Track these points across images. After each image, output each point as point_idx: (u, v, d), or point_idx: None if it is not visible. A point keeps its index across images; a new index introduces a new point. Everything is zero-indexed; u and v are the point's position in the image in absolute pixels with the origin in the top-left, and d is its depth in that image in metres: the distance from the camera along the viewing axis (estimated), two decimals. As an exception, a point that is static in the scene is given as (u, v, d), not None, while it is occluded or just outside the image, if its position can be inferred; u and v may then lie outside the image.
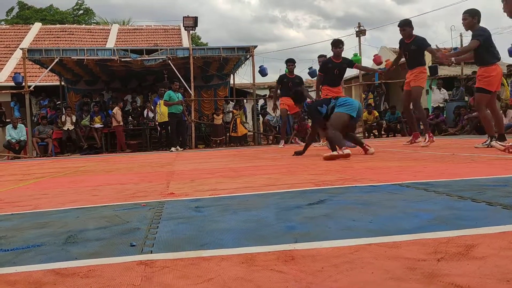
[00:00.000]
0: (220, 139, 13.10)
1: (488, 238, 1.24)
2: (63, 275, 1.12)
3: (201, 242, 1.37)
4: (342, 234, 1.38)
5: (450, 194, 2.00)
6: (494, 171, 2.87)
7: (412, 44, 6.27)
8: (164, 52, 11.97)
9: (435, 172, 3.02)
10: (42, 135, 12.03)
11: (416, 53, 6.31)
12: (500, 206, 1.67)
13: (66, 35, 21.63)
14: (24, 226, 1.80)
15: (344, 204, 1.90)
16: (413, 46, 6.27)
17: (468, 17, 5.32)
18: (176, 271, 1.11)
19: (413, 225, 1.45)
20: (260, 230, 1.49)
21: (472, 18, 5.31)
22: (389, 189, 2.27)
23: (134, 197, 2.52)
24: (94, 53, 11.81)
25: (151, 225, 1.66)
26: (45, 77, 14.15)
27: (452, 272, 0.98)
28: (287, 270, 1.06)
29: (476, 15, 5.32)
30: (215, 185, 2.87)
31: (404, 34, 6.32)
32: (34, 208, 2.30)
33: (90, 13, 34.78)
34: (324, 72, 7.01)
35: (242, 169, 4.09)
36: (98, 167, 5.71)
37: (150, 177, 3.75)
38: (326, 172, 3.34)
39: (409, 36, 6.31)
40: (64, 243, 1.46)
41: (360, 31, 13.52)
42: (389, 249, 1.18)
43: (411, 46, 6.28)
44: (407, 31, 6.29)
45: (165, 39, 21.48)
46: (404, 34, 6.32)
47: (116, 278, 1.08)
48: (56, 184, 3.64)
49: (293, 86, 8.10)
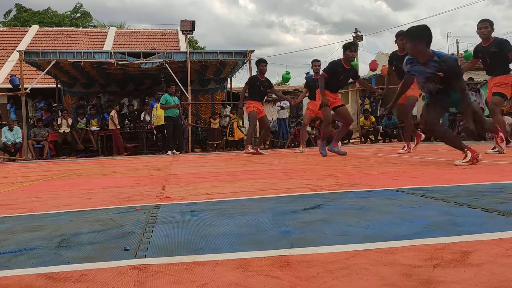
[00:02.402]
0: (217, 143, 13.09)
1: (484, 245, 1.23)
2: (55, 280, 1.11)
3: (196, 247, 1.36)
4: (338, 239, 1.37)
5: (446, 200, 1.99)
6: (491, 177, 2.88)
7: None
8: (162, 55, 11.97)
9: (431, 177, 3.02)
10: (38, 137, 11.99)
11: None
12: (496, 212, 1.66)
13: (63, 37, 21.62)
14: (17, 229, 1.78)
15: (340, 209, 1.90)
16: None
17: (490, 26, 5.57)
18: (170, 276, 1.09)
19: (409, 231, 1.44)
20: (256, 235, 1.48)
21: (491, 29, 5.58)
22: (385, 194, 2.27)
23: (129, 200, 2.50)
24: (91, 56, 11.81)
25: (145, 229, 1.65)
26: (42, 79, 14.13)
27: (448, 279, 0.97)
28: (282, 276, 1.05)
29: (493, 26, 5.60)
30: (211, 189, 2.86)
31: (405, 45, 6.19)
32: (27, 211, 2.28)
33: (88, 16, 34.79)
34: (331, 75, 6.20)
35: (238, 173, 4.08)
36: (93, 170, 5.68)
37: (145, 181, 3.73)
38: (322, 177, 3.34)
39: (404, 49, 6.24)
40: (57, 247, 1.44)
41: (357, 36, 13.60)
42: (385, 255, 1.18)
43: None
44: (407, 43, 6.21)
45: (163, 42, 21.52)
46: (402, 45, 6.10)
47: (109, 283, 1.06)
48: (50, 187, 3.62)
49: (264, 90, 7.73)
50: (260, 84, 7.64)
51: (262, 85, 7.66)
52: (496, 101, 5.55)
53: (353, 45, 6.42)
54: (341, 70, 6.18)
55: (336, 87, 6.44)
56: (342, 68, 6.18)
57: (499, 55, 5.48)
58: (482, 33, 5.57)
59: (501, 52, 5.46)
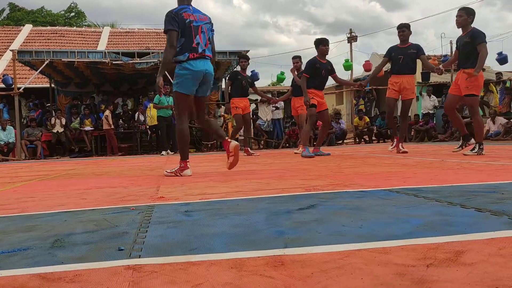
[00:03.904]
0: (211, 143, 13.08)
1: (477, 244, 1.24)
2: (48, 280, 1.10)
3: (190, 247, 1.35)
4: (332, 239, 1.38)
5: (440, 200, 2.01)
6: (483, 178, 2.90)
7: (410, 49, 6.22)
8: (156, 55, 11.94)
9: (424, 178, 3.03)
10: (31, 137, 11.91)
11: (413, 58, 6.25)
12: (489, 212, 1.67)
13: (57, 37, 21.50)
14: (10, 230, 1.77)
15: (334, 209, 1.90)
16: (411, 50, 6.21)
17: (464, 14, 5.22)
18: (165, 276, 1.09)
19: (403, 230, 1.45)
20: (250, 235, 1.49)
21: (467, 17, 5.22)
22: (379, 194, 2.28)
23: (123, 200, 2.49)
24: (85, 56, 11.75)
25: (140, 229, 1.65)
26: (35, 79, 14.05)
27: (441, 278, 0.98)
28: (277, 276, 1.05)
29: (472, 15, 5.23)
30: (205, 189, 2.85)
31: (403, 36, 6.24)
32: (21, 211, 2.26)
33: (82, 15, 34.64)
34: (311, 74, 6.40)
35: (232, 173, 4.08)
36: (87, 170, 5.66)
37: (139, 181, 3.72)
38: (316, 177, 3.35)
39: (407, 40, 6.27)
40: (51, 247, 1.44)
41: (352, 37, 13.63)
42: (379, 255, 1.18)
43: (408, 50, 6.21)
44: (406, 33, 6.25)
45: (157, 42, 21.44)
46: (403, 35, 6.24)
47: (103, 283, 1.06)
48: (44, 187, 3.60)
49: (247, 85, 7.74)
50: (241, 79, 7.65)
51: (243, 80, 7.66)
52: (472, 103, 5.33)
53: (325, 40, 6.60)
54: (319, 66, 6.40)
55: (322, 83, 6.58)
56: (319, 64, 6.41)
57: (470, 47, 5.14)
58: (457, 21, 5.29)
59: (473, 43, 5.11)
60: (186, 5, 4.05)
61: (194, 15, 4.02)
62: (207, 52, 4.07)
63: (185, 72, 3.98)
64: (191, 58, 3.95)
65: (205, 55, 4.04)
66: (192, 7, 4.08)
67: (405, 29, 6.26)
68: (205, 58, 4.04)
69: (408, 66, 6.24)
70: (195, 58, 3.96)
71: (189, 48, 3.95)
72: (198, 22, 4.03)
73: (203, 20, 4.07)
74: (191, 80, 4.00)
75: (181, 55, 3.95)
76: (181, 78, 4.01)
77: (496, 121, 11.35)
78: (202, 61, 4.00)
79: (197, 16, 4.04)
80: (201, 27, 4.02)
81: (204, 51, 4.02)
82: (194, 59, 3.96)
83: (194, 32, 3.97)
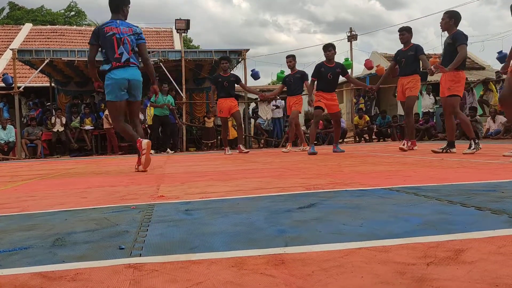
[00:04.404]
0: (212, 142, 13.08)
1: (477, 243, 1.24)
2: (50, 279, 1.10)
3: (190, 246, 1.36)
4: (333, 238, 1.38)
5: (440, 198, 2.01)
6: (483, 176, 2.90)
7: (409, 51, 6.34)
8: (156, 54, 11.94)
9: (424, 176, 3.03)
10: (31, 136, 11.91)
11: (412, 60, 6.36)
12: (489, 211, 1.68)
13: (57, 36, 21.49)
14: (11, 228, 1.77)
15: (334, 208, 1.90)
16: (410, 52, 6.33)
17: (447, 18, 5.40)
18: (165, 274, 1.10)
19: (403, 229, 1.45)
20: (251, 233, 1.49)
21: (449, 20, 5.38)
22: (379, 193, 2.28)
23: (123, 199, 2.50)
24: (85, 55, 11.74)
25: (140, 228, 1.65)
26: (35, 78, 14.04)
27: (441, 277, 0.98)
28: (277, 274, 1.06)
29: (453, 17, 5.39)
30: (205, 188, 2.85)
31: (403, 39, 6.40)
32: (21, 210, 2.26)
33: (82, 14, 34.62)
34: (317, 77, 6.89)
35: (233, 172, 4.08)
36: (87, 169, 5.66)
37: (140, 180, 3.72)
38: (316, 176, 3.35)
39: (408, 43, 6.40)
40: (52, 245, 1.44)
41: (352, 36, 13.62)
42: (379, 253, 1.18)
43: (408, 52, 6.34)
44: (405, 36, 6.37)
45: (157, 41, 21.43)
46: (402, 38, 6.40)
47: (104, 282, 1.06)
48: (44, 186, 3.60)
49: (229, 85, 7.96)
50: (222, 80, 8.01)
51: (225, 81, 8.00)
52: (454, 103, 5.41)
53: (329, 46, 6.93)
54: (324, 70, 6.78)
55: (328, 86, 6.87)
56: (325, 68, 6.80)
57: (452, 48, 5.31)
58: (440, 25, 5.47)
59: (454, 45, 5.29)
60: (114, 20, 4.58)
61: (118, 28, 4.51)
62: (132, 60, 4.56)
63: (109, 82, 4.52)
64: (114, 67, 4.48)
65: (129, 63, 4.53)
66: (120, 21, 4.58)
67: (405, 32, 6.44)
68: (129, 66, 4.51)
69: (408, 67, 6.40)
70: (117, 67, 4.47)
71: (113, 58, 4.48)
72: (122, 35, 4.51)
73: (126, 32, 4.54)
74: (116, 88, 4.51)
75: (106, 65, 4.54)
76: (108, 88, 4.55)
77: (496, 120, 11.36)
78: (125, 70, 4.48)
79: (121, 29, 4.52)
80: (123, 39, 4.50)
81: (128, 60, 4.52)
82: (116, 68, 4.47)
83: (116, 43, 4.48)
